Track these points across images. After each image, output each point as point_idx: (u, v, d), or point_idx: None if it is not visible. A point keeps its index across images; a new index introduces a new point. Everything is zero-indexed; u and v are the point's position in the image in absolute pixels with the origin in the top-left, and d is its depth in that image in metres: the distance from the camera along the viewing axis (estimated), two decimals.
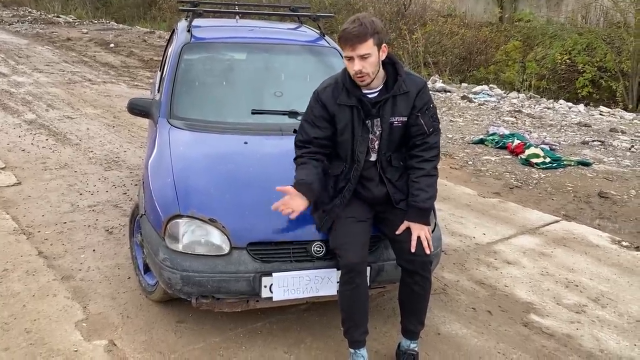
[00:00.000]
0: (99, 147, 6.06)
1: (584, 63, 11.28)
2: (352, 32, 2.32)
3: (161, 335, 2.80)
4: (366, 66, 2.36)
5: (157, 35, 18.15)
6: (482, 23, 15.08)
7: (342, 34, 2.36)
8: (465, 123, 8.20)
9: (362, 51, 2.33)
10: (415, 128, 2.52)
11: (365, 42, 2.32)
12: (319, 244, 2.60)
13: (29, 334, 2.76)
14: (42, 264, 3.45)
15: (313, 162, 2.55)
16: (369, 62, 2.36)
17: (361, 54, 2.33)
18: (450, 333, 2.95)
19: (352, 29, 2.32)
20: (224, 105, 3.59)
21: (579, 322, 3.12)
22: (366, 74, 2.37)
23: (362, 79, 2.40)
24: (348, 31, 2.33)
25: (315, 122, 2.56)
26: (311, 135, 2.57)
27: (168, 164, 2.93)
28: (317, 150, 2.58)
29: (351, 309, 2.46)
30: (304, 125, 2.61)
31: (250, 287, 2.54)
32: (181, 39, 3.88)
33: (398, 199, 2.57)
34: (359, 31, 2.31)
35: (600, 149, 6.93)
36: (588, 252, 4.02)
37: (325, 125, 2.55)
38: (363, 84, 2.43)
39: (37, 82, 9.80)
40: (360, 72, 2.36)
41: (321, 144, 2.58)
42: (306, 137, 2.58)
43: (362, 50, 2.33)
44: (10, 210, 4.24)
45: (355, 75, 2.39)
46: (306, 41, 4.11)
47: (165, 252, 2.58)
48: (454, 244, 4.05)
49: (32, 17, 22.98)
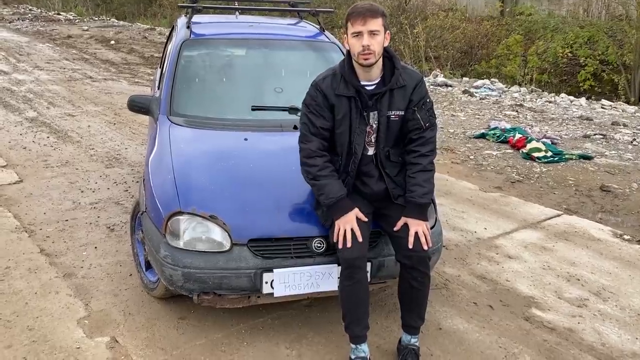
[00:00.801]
0: (100, 144, 6.07)
1: (585, 56, 11.25)
2: (365, 7, 2.36)
3: (163, 331, 2.81)
4: (374, 43, 2.36)
5: (157, 31, 18.13)
6: (483, 17, 15.04)
7: (354, 9, 2.38)
8: (466, 117, 8.18)
9: (373, 27, 2.34)
10: (411, 122, 2.52)
11: (376, 18, 2.35)
12: (319, 240, 2.60)
13: (32, 331, 2.77)
14: (44, 261, 3.46)
15: (331, 166, 2.53)
16: (377, 40, 2.37)
17: (371, 29, 2.34)
18: (452, 328, 2.95)
19: (364, 5, 2.37)
20: (224, 101, 3.59)
21: (580, 316, 3.12)
22: (373, 51, 2.37)
23: (368, 56, 2.38)
24: (360, 6, 2.37)
25: (319, 112, 2.53)
26: (318, 125, 2.52)
27: (168, 161, 2.93)
28: (323, 143, 2.54)
29: (352, 304, 2.47)
30: (309, 117, 2.55)
31: (251, 283, 2.55)
32: (180, 35, 3.88)
33: (397, 195, 2.57)
34: (372, 7, 2.36)
35: (602, 142, 6.91)
36: (590, 245, 4.02)
37: (329, 115, 2.53)
38: (367, 62, 2.40)
39: (38, 79, 9.80)
40: (368, 48, 2.35)
41: (325, 136, 2.55)
42: (313, 129, 2.53)
43: (373, 26, 2.34)
44: (12, 208, 4.26)
45: (361, 52, 2.37)
46: (306, 36, 4.10)
47: (166, 248, 2.58)
48: (455, 238, 4.05)
49: (32, 15, 22.97)
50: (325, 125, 2.54)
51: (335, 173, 2.55)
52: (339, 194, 2.48)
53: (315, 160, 2.52)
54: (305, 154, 2.55)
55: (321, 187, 2.50)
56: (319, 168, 2.51)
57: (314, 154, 2.52)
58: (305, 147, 2.56)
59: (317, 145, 2.53)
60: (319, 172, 2.50)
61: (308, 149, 2.54)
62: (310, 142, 2.54)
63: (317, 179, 2.51)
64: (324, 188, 2.49)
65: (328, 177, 2.50)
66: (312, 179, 2.53)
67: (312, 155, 2.52)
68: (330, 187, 2.48)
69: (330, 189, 2.48)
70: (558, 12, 13.87)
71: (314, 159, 2.52)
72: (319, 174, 2.50)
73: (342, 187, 2.52)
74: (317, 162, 2.51)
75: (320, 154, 2.53)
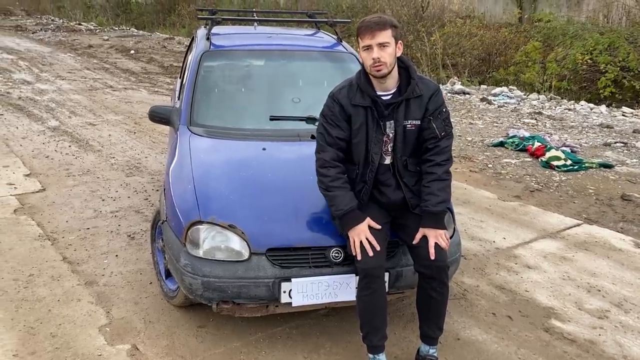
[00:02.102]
0: (121, 153, 6.16)
1: (606, 63, 11.11)
2: (372, 21, 2.41)
3: (183, 339, 2.84)
4: (384, 55, 2.39)
5: (176, 41, 18.36)
6: (501, 24, 14.96)
7: (362, 23, 2.43)
8: (484, 125, 8.15)
9: (381, 39, 2.37)
10: (427, 132, 2.53)
11: (384, 31, 2.38)
12: (337, 250, 2.62)
13: (55, 338, 2.82)
14: (67, 269, 3.52)
15: (344, 177, 2.55)
16: (387, 52, 2.39)
17: (380, 41, 2.38)
18: (470, 338, 2.94)
19: (372, 19, 2.42)
20: (242, 111, 3.64)
21: (601, 328, 3.08)
22: (384, 63, 2.40)
23: (379, 67, 2.41)
24: (368, 20, 2.42)
25: (336, 122, 2.56)
26: (334, 135, 2.55)
27: (189, 170, 2.97)
28: (338, 154, 2.56)
29: (370, 314, 2.47)
30: (325, 127, 2.58)
31: (269, 292, 2.57)
32: (200, 46, 3.94)
33: (414, 204, 2.58)
34: (379, 20, 2.40)
35: (622, 150, 6.82)
36: (610, 256, 3.97)
37: (345, 125, 2.56)
38: (379, 74, 2.43)
39: (60, 89, 9.98)
40: (378, 60, 2.39)
41: (341, 146, 2.57)
42: (329, 139, 2.56)
43: (381, 39, 2.37)
44: (36, 216, 4.34)
45: (372, 65, 2.41)
46: (323, 47, 4.14)
47: (186, 257, 2.62)
48: (474, 248, 4.03)
49: (54, 25, 23.42)
50: (341, 135, 2.56)
51: (348, 184, 2.56)
52: (348, 205, 2.49)
53: (329, 171, 2.54)
54: (319, 164, 2.58)
55: (332, 198, 2.52)
56: (332, 179, 2.53)
57: (328, 164, 2.55)
58: (319, 157, 2.59)
59: (332, 156, 2.55)
60: (331, 183, 2.53)
61: (322, 159, 2.57)
62: (325, 152, 2.57)
63: (329, 190, 2.53)
64: (335, 199, 2.51)
65: (339, 189, 2.52)
66: (324, 189, 2.56)
67: (326, 166, 2.55)
68: (340, 199, 2.50)
69: (340, 200, 2.50)
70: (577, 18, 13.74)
71: (327, 169, 2.55)
72: (331, 184, 2.53)
73: (352, 198, 2.53)
74: (329, 173, 2.54)
75: (333, 164, 2.55)
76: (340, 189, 2.52)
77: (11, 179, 5.15)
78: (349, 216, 2.48)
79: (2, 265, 3.54)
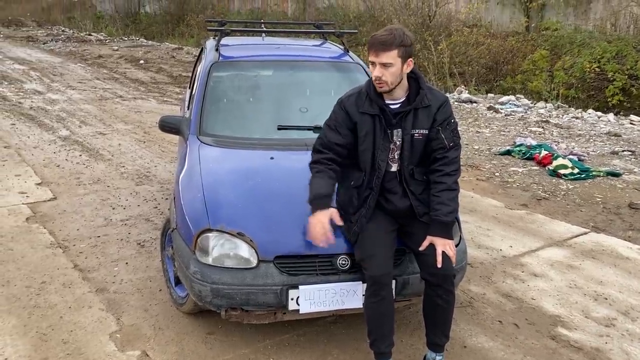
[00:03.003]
0: (131, 162, 6.24)
1: (613, 71, 11.11)
2: (379, 39, 2.42)
3: (192, 346, 2.88)
4: (386, 74, 2.43)
5: (185, 51, 18.51)
6: (508, 32, 14.99)
7: (370, 39, 2.46)
8: (491, 134, 8.17)
9: (384, 60, 2.41)
10: (436, 142, 2.57)
11: (388, 52, 2.40)
12: (344, 257, 2.65)
13: (66, 344, 2.87)
14: (78, 276, 3.58)
15: (329, 172, 2.60)
16: (389, 72, 2.44)
17: (382, 62, 2.42)
18: (477, 346, 2.96)
19: (379, 37, 2.43)
20: (251, 121, 3.69)
21: (608, 336, 3.09)
22: (384, 82, 2.45)
23: (380, 85, 2.47)
24: (375, 38, 2.44)
25: (337, 127, 2.62)
26: (332, 140, 2.61)
27: (198, 179, 3.03)
28: (334, 157, 2.62)
29: (377, 321, 2.51)
30: (325, 130, 2.66)
31: (277, 299, 2.60)
32: (210, 57, 4.00)
33: (422, 212, 2.61)
34: (385, 40, 2.40)
35: (630, 159, 6.82)
36: (617, 264, 3.98)
37: (346, 133, 2.61)
38: (381, 90, 2.50)
39: (71, 99, 10.11)
40: (379, 79, 2.44)
41: (338, 151, 2.63)
42: (326, 142, 2.63)
43: (384, 59, 2.41)
44: (47, 224, 4.40)
45: (374, 80, 2.48)
46: (330, 57, 4.19)
47: (195, 265, 2.66)
48: (481, 256, 4.05)
49: (65, 36, 23.69)
50: (339, 141, 2.61)
51: (333, 175, 2.60)
52: (319, 191, 2.54)
53: (316, 166, 2.62)
54: (311, 160, 2.67)
55: (310, 184, 2.59)
56: (317, 170, 2.60)
57: (318, 159, 2.63)
58: (313, 155, 2.68)
59: (325, 156, 2.62)
60: (315, 173, 2.61)
61: (315, 155, 2.67)
62: (320, 154, 2.64)
63: (312, 179, 2.60)
64: (312, 185, 2.58)
65: (318, 177, 2.58)
66: (310, 181, 2.62)
67: (316, 160, 2.63)
68: (315, 185, 2.56)
69: (315, 186, 2.56)
70: (585, 27, 13.74)
71: (316, 164, 2.63)
72: (314, 173, 2.61)
73: (328, 186, 2.57)
74: (316, 166, 2.62)
75: (323, 161, 2.61)
76: (320, 177, 2.58)
77: (23, 188, 5.23)
78: (316, 202, 2.54)
79: (15, 272, 3.60)
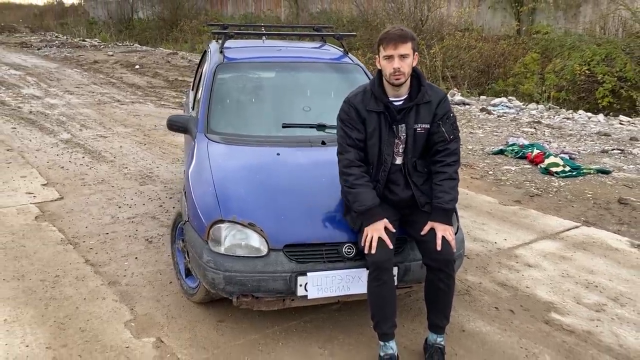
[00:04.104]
0: (133, 163, 6.37)
1: (603, 73, 11.33)
2: (396, 33, 2.60)
3: (204, 332, 3.02)
4: (404, 66, 2.60)
5: (179, 56, 18.66)
6: (499, 36, 15.23)
7: (386, 35, 2.62)
8: (484, 135, 8.36)
9: (403, 51, 2.59)
10: (437, 135, 2.74)
11: (405, 44, 2.59)
12: (349, 246, 2.80)
13: (84, 332, 3.00)
14: (90, 270, 3.71)
15: (367, 177, 2.75)
16: (406, 63, 2.61)
17: (402, 53, 2.59)
18: (475, 330, 3.11)
19: (395, 31, 2.62)
20: (256, 120, 3.84)
21: (598, 320, 3.26)
22: (402, 73, 2.61)
23: (398, 77, 2.62)
24: (392, 32, 2.62)
25: (354, 124, 2.77)
26: (354, 137, 2.75)
27: (208, 174, 3.17)
28: (361, 155, 2.76)
29: (379, 303, 2.66)
30: (344, 130, 2.78)
31: (286, 286, 2.75)
32: (215, 59, 4.15)
33: (423, 202, 2.78)
34: (402, 33, 2.60)
35: (620, 157, 7.02)
36: (607, 255, 4.15)
37: (361, 127, 2.77)
38: (397, 82, 2.64)
39: (69, 103, 10.22)
40: (399, 70, 2.60)
41: (359, 146, 2.78)
42: (350, 141, 2.76)
43: (403, 50, 2.59)
44: (56, 222, 4.53)
45: (392, 73, 2.61)
46: (331, 59, 4.36)
47: (209, 254, 2.80)
48: (477, 249, 4.21)
49: (59, 42, 23.77)
50: (359, 137, 2.77)
51: (370, 183, 2.76)
52: (371, 202, 2.69)
53: (353, 170, 2.75)
54: (344, 164, 2.78)
55: (356, 194, 2.71)
56: (356, 177, 2.73)
57: (352, 164, 2.75)
58: (343, 157, 2.79)
59: (355, 156, 2.76)
60: (356, 181, 2.73)
61: (346, 159, 2.77)
62: (348, 153, 2.77)
63: (354, 187, 2.72)
64: (359, 196, 2.70)
65: (363, 186, 2.72)
66: (349, 187, 2.75)
67: (350, 165, 2.75)
68: (364, 195, 2.70)
69: (364, 197, 2.69)
70: (574, 30, 13.99)
71: (352, 169, 2.75)
72: (356, 182, 2.72)
73: (375, 197, 2.73)
74: (354, 172, 2.74)
75: (357, 164, 2.76)
76: (364, 187, 2.72)
77: (30, 189, 5.35)
78: (370, 212, 2.67)
79: (28, 267, 3.72)
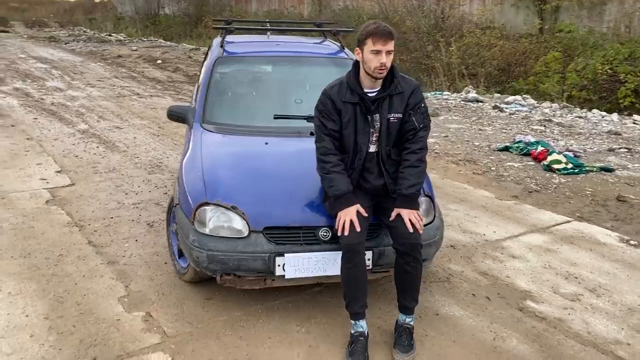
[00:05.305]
0: (144, 153, 6.61)
1: (626, 73, 11.19)
2: (387, 29, 2.75)
3: (191, 309, 3.21)
4: (388, 61, 2.76)
5: (202, 51, 18.95)
6: (521, 34, 15.12)
7: (377, 30, 2.74)
8: (493, 132, 8.39)
9: (391, 47, 2.75)
10: (408, 124, 2.88)
11: (392, 40, 2.76)
12: (325, 229, 2.96)
13: (80, 305, 3.22)
14: (91, 251, 3.94)
15: (342, 164, 2.90)
16: (389, 59, 2.77)
17: (389, 49, 2.75)
18: (448, 314, 3.24)
19: (384, 27, 2.76)
20: (250, 111, 4.02)
21: (572, 309, 3.35)
22: (386, 68, 2.77)
23: (382, 71, 2.77)
24: (382, 28, 2.75)
25: (329, 115, 2.92)
26: (329, 127, 2.91)
27: (199, 161, 3.37)
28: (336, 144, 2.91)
29: (351, 284, 2.81)
30: (321, 120, 2.94)
31: (265, 265, 2.92)
32: (215, 53, 4.35)
33: (394, 189, 2.92)
34: (391, 30, 2.76)
35: (626, 155, 7.01)
36: (594, 249, 4.23)
37: (337, 118, 2.92)
38: (380, 76, 2.79)
39: (90, 95, 10.57)
40: (384, 65, 2.75)
41: (335, 136, 2.93)
42: (325, 130, 2.92)
43: (390, 47, 2.75)
44: (65, 207, 4.78)
45: (378, 67, 2.75)
46: (327, 53, 4.51)
47: (194, 234, 2.99)
48: (464, 240, 4.32)
49: (86, 36, 24.37)
50: (334, 127, 2.92)
51: (345, 171, 2.92)
52: (346, 188, 2.85)
53: (329, 158, 2.90)
54: (321, 152, 2.94)
55: (332, 180, 2.87)
56: (333, 164, 2.89)
57: (329, 152, 2.91)
58: (320, 145, 2.95)
59: (330, 145, 2.92)
60: (332, 168, 2.89)
61: (323, 147, 2.93)
62: (324, 141, 2.93)
63: (330, 173, 2.88)
64: (334, 181, 2.86)
65: (339, 173, 2.88)
66: (325, 173, 2.90)
67: (327, 153, 2.91)
68: (339, 181, 2.85)
69: (339, 182, 2.85)
70: (598, 29, 13.83)
71: (329, 156, 2.91)
72: (332, 169, 2.88)
73: (349, 183, 2.88)
74: (331, 159, 2.90)
75: (333, 152, 2.92)
76: (340, 174, 2.88)
77: (44, 175, 5.63)
78: (344, 197, 2.83)
79: (35, 246, 3.97)
